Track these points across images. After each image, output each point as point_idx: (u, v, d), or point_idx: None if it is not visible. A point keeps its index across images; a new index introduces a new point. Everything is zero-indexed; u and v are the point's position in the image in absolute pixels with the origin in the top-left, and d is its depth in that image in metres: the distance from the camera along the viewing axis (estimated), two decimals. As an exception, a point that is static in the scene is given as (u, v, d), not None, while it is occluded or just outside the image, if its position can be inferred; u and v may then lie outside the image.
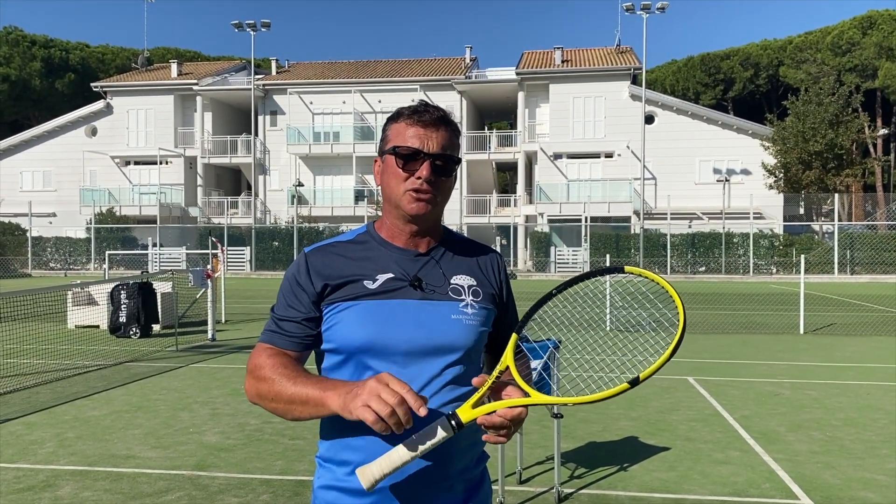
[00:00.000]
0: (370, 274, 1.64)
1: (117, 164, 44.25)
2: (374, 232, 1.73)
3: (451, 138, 1.67)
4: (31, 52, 55.93)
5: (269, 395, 1.56)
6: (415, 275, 1.65)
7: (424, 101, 1.70)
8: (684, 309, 1.50)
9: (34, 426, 6.34)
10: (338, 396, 1.44)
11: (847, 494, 4.67)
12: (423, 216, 1.65)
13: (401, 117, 1.68)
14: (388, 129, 1.70)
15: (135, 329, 12.11)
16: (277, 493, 4.66)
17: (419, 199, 1.63)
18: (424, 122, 1.64)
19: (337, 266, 1.65)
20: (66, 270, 38.74)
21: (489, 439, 1.51)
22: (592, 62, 41.36)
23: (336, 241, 1.73)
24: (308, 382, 1.52)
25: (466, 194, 41.74)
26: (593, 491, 4.72)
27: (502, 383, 1.54)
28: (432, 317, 1.62)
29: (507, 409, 1.48)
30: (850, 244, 33.41)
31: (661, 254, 35.03)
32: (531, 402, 1.50)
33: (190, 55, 63.93)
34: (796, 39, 55.64)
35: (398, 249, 1.69)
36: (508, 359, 1.56)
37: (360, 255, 1.68)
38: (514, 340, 1.58)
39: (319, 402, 1.48)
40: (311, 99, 43.27)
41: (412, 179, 1.63)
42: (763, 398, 7.55)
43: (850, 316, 16.06)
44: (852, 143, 37.47)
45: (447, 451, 1.58)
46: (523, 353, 1.65)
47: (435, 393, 1.57)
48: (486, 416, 1.48)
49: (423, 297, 1.63)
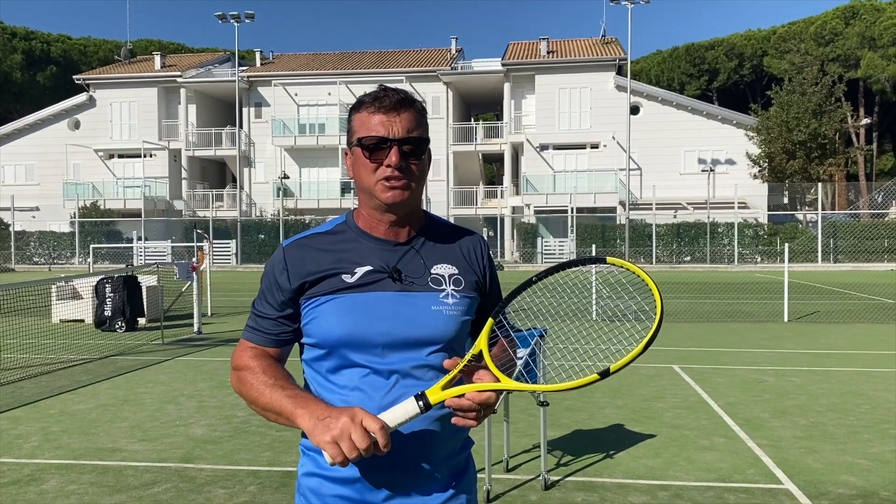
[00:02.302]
0: (348, 267, 1.63)
1: (101, 158, 43.91)
2: (353, 222, 1.71)
3: (417, 119, 1.63)
4: (12, 45, 55.31)
5: (249, 398, 1.60)
6: (394, 266, 1.64)
7: (384, 86, 1.66)
8: (662, 303, 1.49)
9: (19, 420, 6.30)
10: (308, 419, 1.46)
11: (830, 479, 4.73)
12: (400, 204, 1.62)
13: (362, 106, 1.64)
14: (352, 119, 1.66)
15: (120, 323, 12.05)
16: (265, 484, 4.66)
17: (393, 188, 1.60)
18: (386, 108, 1.60)
19: (314, 261, 1.64)
20: (51, 265, 38.46)
21: (458, 422, 1.51)
22: (578, 53, 41.38)
23: (314, 233, 1.71)
24: (284, 394, 1.53)
25: (453, 186, 41.73)
26: (580, 478, 4.75)
27: (475, 367, 1.54)
28: (411, 309, 1.61)
29: (476, 393, 1.48)
30: (834, 233, 33.71)
31: (647, 244, 35.20)
32: (499, 388, 1.50)
33: (173, 47, 63.41)
34: (780, 30, 55.89)
35: (376, 240, 1.67)
36: (482, 343, 1.55)
37: (337, 248, 1.66)
38: (490, 325, 1.58)
39: (291, 417, 1.50)
40: (295, 91, 43.05)
41: (382, 168, 1.59)
42: (748, 385, 7.62)
43: (833, 304, 16.21)
44: (835, 133, 37.76)
45: (430, 439, 1.59)
46: (502, 338, 1.64)
47: (416, 385, 1.57)
48: (455, 398, 1.48)
49: (402, 288, 1.62)
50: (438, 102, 41.85)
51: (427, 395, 1.48)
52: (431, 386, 1.51)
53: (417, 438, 1.58)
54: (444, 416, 1.57)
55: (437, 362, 1.60)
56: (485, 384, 1.50)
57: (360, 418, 1.41)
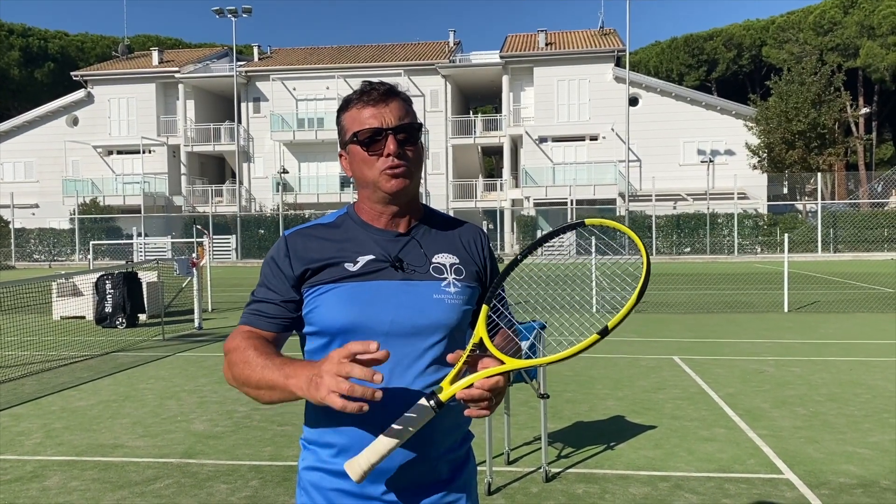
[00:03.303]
0: (351, 256, 1.63)
1: (100, 154, 43.86)
2: (354, 214, 1.72)
3: (405, 107, 1.66)
4: (9, 42, 55.17)
5: (241, 378, 1.55)
6: (395, 255, 1.65)
7: (368, 81, 1.68)
8: (647, 252, 1.48)
9: (21, 417, 6.31)
10: (300, 383, 1.41)
11: (830, 468, 4.74)
12: (403, 191, 1.64)
13: (350, 104, 1.67)
14: (342, 119, 1.69)
15: (121, 319, 12.05)
16: (266, 478, 4.68)
17: (395, 176, 1.62)
18: (375, 101, 1.63)
19: (317, 249, 1.64)
20: (51, 262, 38.45)
21: (472, 413, 1.50)
22: (576, 45, 41.30)
23: (316, 224, 1.72)
24: (273, 367, 1.48)
25: (452, 179, 41.70)
26: (581, 470, 4.76)
27: (478, 356, 1.53)
28: (413, 297, 1.61)
29: (485, 380, 1.47)
30: (834, 223, 33.70)
31: (647, 235, 35.18)
32: (506, 369, 1.49)
33: (171, 42, 63.29)
34: (779, 19, 55.78)
35: (378, 231, 1.68)
36: (481, 331, 1.54)
37: (340, 238, 1.67)
38: (485, 312, 1.57)
39: (284, 388, 1.45)
40: (294, 85, 42.98)
41: (382, 159, 1.61)
42: (748, 376, 7.63)
43: (833, 294, 16.22)
44: (835, 123, 37.68)
45: (430, 434, 1.58)
46: (503, 326, 1.64)
47: (419, 373, 1.58)
48: (465, 389, 1.47)
49: (405, 277, 1.63)
50: (437, 96, 41.79)
51: (437, 393, 1.48)
52: (430, 376, 1.51)
53: (418, 434, 1.58)
54: (444, 410, 1.57)
55: (439, 352, 1.60)
56: (491, 369, 1.49)
57: (336, 355, 1.37)
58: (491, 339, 1.56)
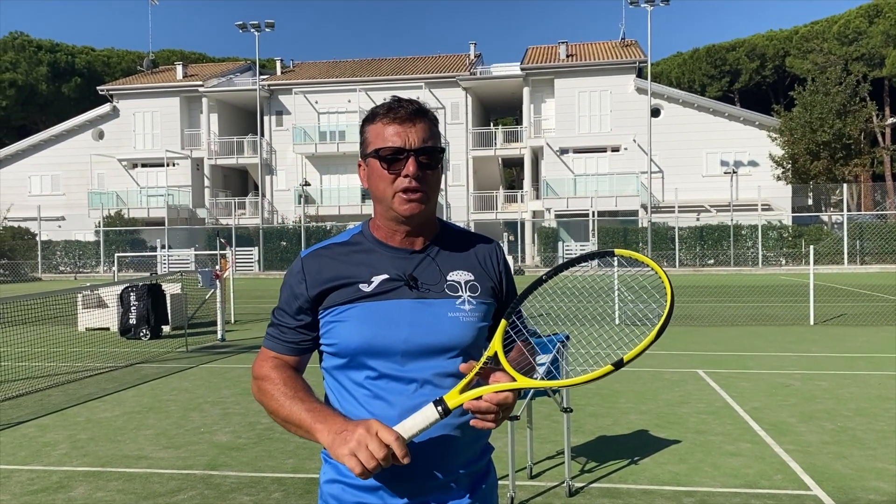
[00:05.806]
0: (365, 276, 1.64)
1: (125, 167, 44.42)
2: (369, 232, 1.73)
3: (431, 129, 1.65)
4: (38, 57, 56.11)
5: (269, 409, 1.63)
6: (410, 274, 1.65)
7: (397, 97, 1.67)
8: (672, 288, 1.49)
9: (47, 428, 6.38)
10: (327, 433, 1.48)
11: (859, 484, 4.66)
12: (417, 216, 1.64)
13: (377, 117, 1.65)
14: (366, 131, 1.68)
15: (145, 331, 12.16)
16: (289, 491, 4.68)
17: (411, 200, 1.62)
18: (401, 119, 1.62)
19: (332, 270, 1.66)
20: (76, 273, 38.92)
21: (477, 424, 1.51)
22: (597, 56, 41.23)
23: (331, 244, 1.73)
24: (303, 408, 1.56)
25: (473, 191, 41.72)
26: (604, 485, 4.72)
27: (491, 369, 1.54)
28: (428, 316, 1.62)
29: (494, 394, 1.49)
30: (860, 234, 33.23)
31: (670, 247, 34.94)
32: (516, 387, 1.51)
33: (195, 57, 64.02)
34: (802, 29, 55.29)
35: (392, 249, 1.68)
36: (497, 345, 1.55)
37: (354, 258, 1.68)
38: (503, 327, 1.58)
39: (310, 431, 1.53)
40: (316, 98, 43.31)
41: (400, 179, 1.61)
42: (774, 390, 7.52)
43: (860, 306, 15.98)
44: (860, 133, 37.24)
45: (450, 445, 1.60)
46: (519, 341, 1.65)
47: (436, 392, 1.58)
48: (472, 400, 1.49)
49: (419, 296, 1.63)
50: (458, 108, 41.89)
51: (445, 399, 1.50)
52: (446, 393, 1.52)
53: (437, 445, 1.59)
54: (463, 423, 1.59)
55: (456, 369, 1.60)
56: (501, 385, 1.50)
57: (375, 429, 1.43)
58: (506, 353, 1.56)
